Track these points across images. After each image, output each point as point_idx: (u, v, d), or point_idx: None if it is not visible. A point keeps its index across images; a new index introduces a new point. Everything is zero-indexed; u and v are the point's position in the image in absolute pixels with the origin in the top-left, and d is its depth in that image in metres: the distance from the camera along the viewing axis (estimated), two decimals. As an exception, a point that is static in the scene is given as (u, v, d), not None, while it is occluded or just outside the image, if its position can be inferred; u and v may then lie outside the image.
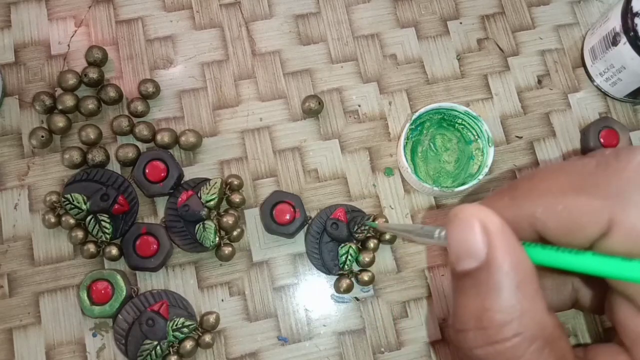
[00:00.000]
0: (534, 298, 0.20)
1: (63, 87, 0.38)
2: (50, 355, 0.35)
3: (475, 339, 0.20)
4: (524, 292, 0.20)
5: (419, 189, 0.38)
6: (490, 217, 0.20)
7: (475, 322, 0.20)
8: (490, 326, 0.20)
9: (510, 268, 0.19)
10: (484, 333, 0.20)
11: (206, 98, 0.40)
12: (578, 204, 0.20)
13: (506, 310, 0.19)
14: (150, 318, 0.34)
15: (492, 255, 0.20)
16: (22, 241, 0.37)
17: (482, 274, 0.20)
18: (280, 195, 0.37)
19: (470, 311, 0.20)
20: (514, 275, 0.19)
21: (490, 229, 0.20)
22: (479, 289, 0.20)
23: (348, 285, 0.36)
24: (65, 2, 0.41)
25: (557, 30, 0.43)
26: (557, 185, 0.21)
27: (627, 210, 0.19)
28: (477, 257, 0.20)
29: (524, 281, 0.20)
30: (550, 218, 0.21)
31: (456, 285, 0.21)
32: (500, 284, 0.19)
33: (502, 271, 0.19)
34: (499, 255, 0.20)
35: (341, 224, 0.36)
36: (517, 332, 0.19)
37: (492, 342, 0.20)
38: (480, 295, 0.20)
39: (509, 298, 0.19)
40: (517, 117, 0.41)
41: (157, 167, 0.36)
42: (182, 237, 0.36)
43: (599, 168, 0.20)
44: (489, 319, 0.20)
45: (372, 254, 0.36)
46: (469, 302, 0.20)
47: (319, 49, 0.41)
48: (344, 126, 0.40)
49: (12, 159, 0.38)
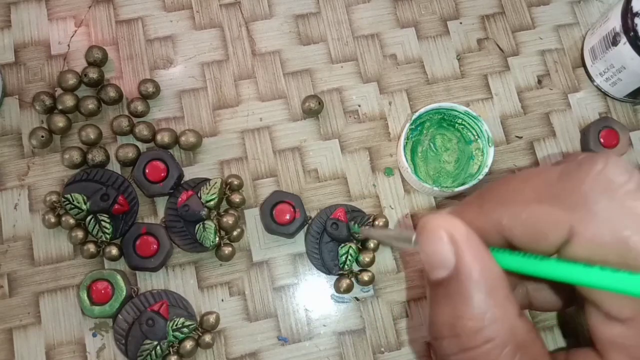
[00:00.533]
0: (504, 304, 0.20)
1: (63, 87, 0.38)
2: (50, 355, 0.35)
3: (450, 346, 0.21)
4: (494, 299, 0.20)
5: (419, 189, 0.38)
6: (457, 226, 0.21)
7: (449, 330, 0.21)
8: (463, 333, 0.20)
9: (479, 276, 0.20)
10: (457, 340, 0.20)
11: (206, 98, 0.40)
12: (541, 213, 0.21)
13: (477, 317, 0.20)
14: (150, 318, 0.34)
15: (460, 264, 0.20)
16: (22, 241, 0.37)
17: (452, 282, 0.20)
18: (280, 195, 0.37)
19: (444, 319, 0.21)
20: (483, 282, 0.20)
21: (457, 238, 0.21)
22: (451, 297, 0.21)
23: (348, 285, 0.36)
24: (65, 2, 0.41)
25: (557, 30, 0.43)
26: (522, 194, 0.22)
27: (586, 221, 0.20)
28: (447, 266, 0.21)
29: (493, 288, 0.20)
30: (516, 226, 0.21)
31: (431, 294, 0.22)
32: (470, 292, 0.20)
33: (471, 279, 0.20)
34: (467, 264, 0.20)
35: (341, 224, 0.36)
36: (489, 338, 0.20)
37: (465, 349, 0.20)
38: (452, 303, 0.21)
39: (479, 305, 0.20)
40: (517, 117, 0.41)
41: (157, 167, 0.36)
42: (182, 237, 0.36)
43: (561, 178, 0.21)
44: (461, 326, 0.20)
45: (372, 254, 0.36)
46: (443, 310, 0.21)
47: (319, 49, 0.41)
48: (344, 126, 0.40)
49: (12, 159, 0.38)
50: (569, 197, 0.20)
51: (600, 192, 0.20)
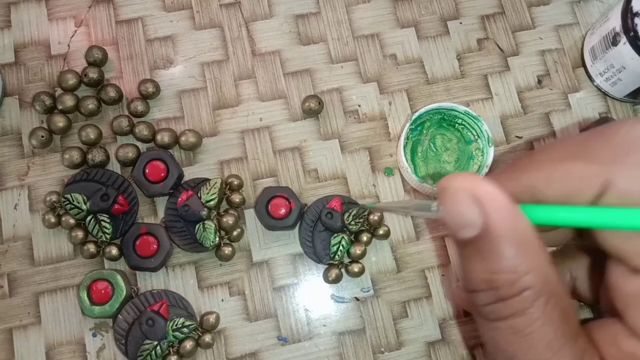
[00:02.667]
0: (536, 254, 0.21)
1: (63, 87, 0.38)
2: (50, 355, 0.35)
3: (486, 297, 0.21)
4: (526, 251, 0.20)
5: (419, 189, 0.38)
6: (480, 184, 0.21)
7: (485, 284, 0.21)
8: (499, 286, 0.21)
9: (509, 231, 0.20)
10: (493, 292, 0.21)
11: (206, 98, 0.40)
12: (574, 169, 0.21)
13: (511, 270, 0.20)
14: (150, 318, 0.34)
15: (488, 222, 0.20)
16: (22, 241, 0.37)
17: (482, 240, 0.20)
18: (272, 191, 0.37)
19: (478, 275, 0.21)
20: (514, 237, 0.20)
21: (481, 197, 0.20)
22: (483, 254, 0.21)
23: (337, 276, 0.36)
24: (65, 2, 0.41)
25: (557, 30, 0.43)
26: (555, 155, 0.22)
27: (619, 172, 0.20)
28: (474, 226, 0.20)
29: (524, 241, 0.20)
30: (549, 186, 0.22)
31: (461, 252, 0.22)
32: (501, 248, 0.20)
33: (501, 236, 0.20)
34: (495, 221, 0.20)
35: (336, 214, 0.36)
36: (524, 287, 0.20)
37: (501, 299, 0.21)
38: (485, 260, 0.21)
39: (512, 259, 0.20)
40: (517, 117, 0.41)
41: (157, 167, 0.36)
42: (182, 237, 0.36)
43: (593, 136, 0.22)
44: (497, 280, 0.21)
45: (364, 247, 0.36)
46: (476, 266, 0.21)
47: (319, 49, 0.41)
48: (344, 126, 0.40)
49: (12, 159, 0.38)
50: (602, 151, 0.21)
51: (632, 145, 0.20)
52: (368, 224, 0.36)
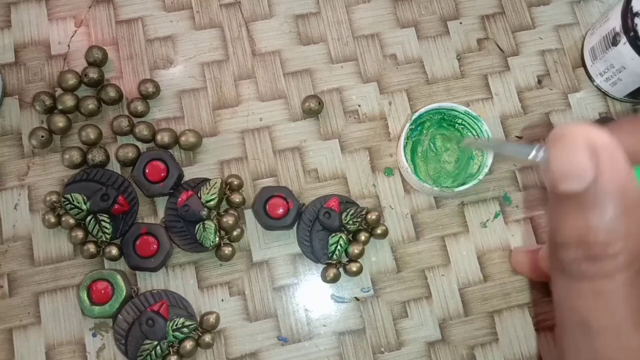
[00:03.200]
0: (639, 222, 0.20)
1: (63, 87, 0.38)
2: (50, 355, 0.35)
3: (576, 252, 0.20)
4: (630, 216, 0.19)
5: (419, 189, 0.38)
6: (600, 137, 0.19)
7: (578, 239, 0.20)
8: (594, 243, 0.20)
9: (619, 191, 0.19)
10: (585, 249, 0.20)
11: (206, 98, 0.40)
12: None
13: (611, 230, 0.19)
14: (150, 318, 0.34)
15: (601, 177, 0.19)
16: (22, 241, 0.37)
17: (588, 195, 0.19)
18: (269, 191, 0.37)
19: (573, 228, 0.20)
20: (622, 198, 0.19)
21: (599, 150, 0.19)
22: (584, 209, 0.20)
23: (335, 275, 0.36)
24: (65, 2, 0.41)
25: (557, 30, 0.43)
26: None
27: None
28: (584, 179, 0.19)
29: (631, 205, 0.19)
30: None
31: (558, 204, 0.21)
32: (607, 206, 0.19)
33: (610, 193, 0.19)
34: (607, 178, 0.19)
35: (334, 214, 0.36)
36: (619, 251, 0.19)
37: (591, 257, 0.20)
38: (585, 214, 0.20)
39: (615, 220, 0.19)
40: (517, 117, 0.41)
41: (157, 167, 0.36)
42: (182, 237, 0.36)
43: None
44: (593, 237, 0.20)
45: (362, 246, 0.36)
46: (572, 219, 0.20)
47: (319, 49, 0.41)
48: (344, 126, 0.40)
49: (12, 159, 0.38)
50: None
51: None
52: (366, 223, 0.36)
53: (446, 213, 0.39)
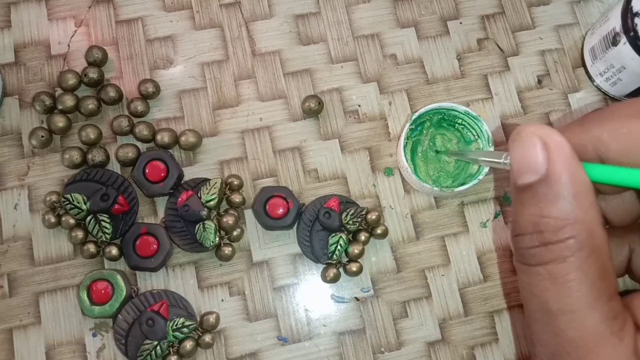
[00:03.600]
0: (588, 209, 0.22)
1: (63, 87, 0.38)
2: (50, 355, 0.35)
3: (531, 240, 0.22)
4: (579, 203, 0.21)
5: (419, 189, 0.38)
6: (551, 134, 0.22)
7: (533, 227, 0.22)
8: (546, 230, 0.22)
9: (568, 180, 0.21)
10: (539, 235, 0.22)
11: (206, 98, 0.40)
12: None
13: (562, 216, 0.21)
14: (150, 318, 0.34)
15: (551, 169, 0.22)
16: (22, 241, 0.37)
17: (541, 186, 0.22)
18: (269, 191, 0.37)
19: (529, 218, 0.22)
20: (571, 186, 0.21)
21: (550, 145, 0.22)
22: (538, 199, 0.22)
23: (335, 275, 0.36)
24: (65, 2, 0.41)
25: (557, 30, 0.43)
26: (624, 113, 0.23)
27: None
28: (538, 171, 0.22)
29: (580, 193, 0.21)
30: (614, 140, 0.23)
31: (517, 197, 0.23)
32: (557, 194, 0.21)
33: (560, 183, 0.21)
34: (558, 169, 0.21)
35: (334, 214, 0.36)
36: (570, 235, 0.21)
37: (545, 243, 0.22)
38: (539, 204, 0.22)
39: (565, 206, 0.21)
40: (517, 117, 0.41)
41: (157, 167, 0.36)
42: (182, 237, 0.36)
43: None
44: (545, 223, 0.22)
45: (362, 246, 0.36)
46: (528, 210, 0.22)
47: (319, 49, 0.41)
48: (344, 126, 0.40)
49: (12, 159, 0.38)
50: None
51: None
52: (366, 223, 0.36)
53: (446, 213, 0.39)
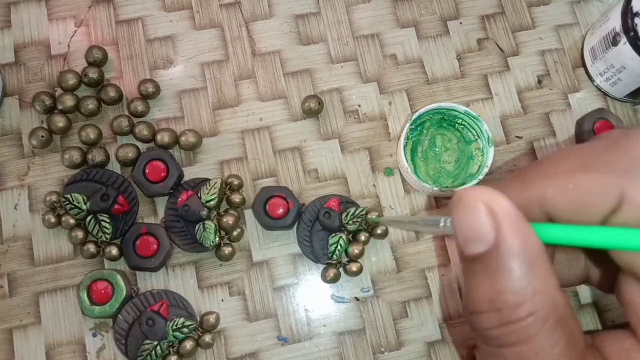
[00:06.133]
0: (545, 277, 0.20)
1: (63, 87, 0.38)
2: (50, 355, 0.35)
3: (489, 320, 0.20)
4: (535, 272, 0.19)
5: (419, 189, 0.38)
6: (496, 198, 0.20)
7: (489, 305, 0.20)
8: (504, 307, 0.20)
9: (520, 249, 0.19)
10: (498, 314, 0.20)
11: (206, 98, 0.40)
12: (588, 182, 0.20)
13: (519, 291, 0.19)
14: (150, 318, 0.34)
15: (500, 238, 0.19)
16: (22, 241, 0.37)
17: (491, 257, 0.20)
18: (269, 191, 0.37)
19: (483, 294, 0.20)
20: (524, 256, 0.19)
21: (496, 211, 0.20)
22: (490, 272, 0.20)
23: (335, 275, 0.36)
24: (65, 2, 0.41)
25: (557, 30, 0.43)
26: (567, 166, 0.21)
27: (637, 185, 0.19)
28: (486, 241, 0.20)
29: (534, 261, 0.19)
30: (561, 198, 0.21)
31: (466, 269, 0.21)
32: (510, 266, 0.19)
33: (511, 253, 0.19)
34: (508, 238, 0.19)
35: (334, 214, 0.36)
36: (531, 311, 0.19)
37: (505, 323, 0.20)
38: (492, 277, 0.20)
39: (521, 279, 0.19)
40: (517, 117, 0.41)
41: (157, 167, 0.36)
42: (182, 237, 0.36)
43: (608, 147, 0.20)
44: (503, 300, 0.20)
45: (362, 246, 0.36)
46: (481, 284, 0.20)
47: (319, 49, 0.41)
48: (344, 126, 0.40)
49: (12, 159, 0.38)
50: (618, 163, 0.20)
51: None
52: (366, 223, 0.36)
53: (446, 213, 0.39)
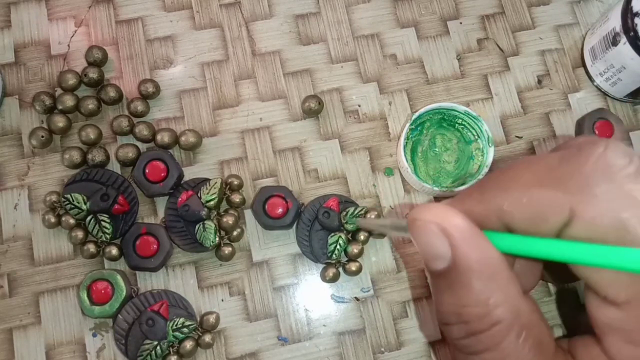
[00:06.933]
0: (506, 287, 0.21)
1: (63, 87, 0.38)
2: (50, 355, 0.35)
3: (459, 331, 0.21)
4: (495, 283, 0.21)
5: (419, 189, 0.38)
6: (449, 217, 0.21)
7: (455, 318, 0.21)
8: (469, 320, 0.21)
9: (478, 264, 0.20)
10: (465, 326, 0.21)
11: (206, 98, 0.40)
12: (541, 196, 0.21)
13: (481, 303, 0.20)
14: (150, 318, 0.34)
15: (457, 256, 0.21)
16: (22, 241, 0.37)
17: (452, 273, 0.21)
18: (269, 190, 0.37)
19: (449, 308, 0.21)
20: (483, 270, 0.20)
21: (449, 230, 0.21)
22: (453, 287, 0.21)
23: (334, 275, 0.36)
24: (65, 2, 0.41)
25: (557, 30, 0.43)
26: (523, 180, 0.22)
27: (586, 202, 0.20)
28: (443, 259, 0.21)
29: (493, 273, 0.21)
30: (517, 211, 0.21)
31: (433, 283, 0.22)
32: (470, 281, 0.20)
33: (469, 269, 0.20)
34: (464, 254, 0.20)
35: (333, 213, 0.36)
36: (495, 322, 0.20)
37: (472, 333, 0.21)
38: (455, 292, 0.21)
39: (482, 292, 0.20)
40: (517, 117, 0.41)
41: (157, 167, 0.36)
42: (182, 237, 0.36)
43: (562, 162, 0.21)
44: (467, 314, 0.21)
45: (361, 246, 0.36)
46: (447, 299, 0.21)
47: (319, 49, 0.41)
48: (344, 126, 0.40)
49: (12, 159, 0.38)
50: (570, 180, 0.20)
51: (601, 175, 0.20)
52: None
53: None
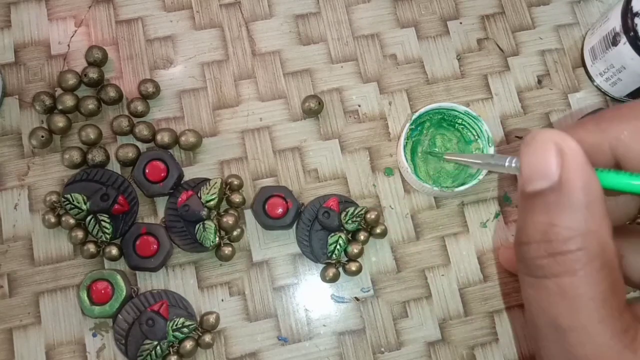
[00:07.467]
0: (601, 220, 0.21)
1: (63, 87, 0.38)
2: (50, 355, 0.35)
3: (538, 249, 0.21)
4: (591, 213, 0.20)
5: (419, 189, 0.38)
6: (567, 140, 0.21)
7: (541, 236, 0.21)
8: (556, 239, 0.21)
9: (581, 189, 0.20)
10: (548, 245, 0.21)
11: (206, 98, 0.40)
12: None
13: (573, 226, 0.20)
14: (150, 318, 0.34)
15: (565, 177, 0.21)
16: (22, 241, 0.37)
17: (552, 193, 0.21)
18: (269, 190, 0.37)
19: (537, 226, 0.21)
20: (584, 196, 0.20)
21: (565, 151, 0.21)
22: (549, 206, 0.21)
23: (334, 275, 0.36)
24: (65, 2, 0.41)
25: (557, 30, 0.43)
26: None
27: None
28: (550, 178, 0.21)
29: (592, 203, 0.21)
30: (635, 141, 0.22)
31: (525, 204, 0.22)
32: (570, 203, 0.20)
33: (573, 191, 0.20)
34: (572, 177, 0.20)
35: (333, 213, 0.36)
36: (580, 247, 0.20)
37: (554, 254, 0.21)
38: (549, 212, 0.21)
39: (577, 216, 0.20)
40: (517, 117, 0.41)
41: (157, 167, 0.36)
42: (182, 237, 0.36)
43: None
44: (555, 232, 0.21)
45: (361, 246, 0.36)
46: (537, 218, 0.21)
47: (319, 49, 0.41)
48: (344, 126, 0.40)
49: (12, 159, 0.38)
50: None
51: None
52: (365, 222, 0.36)
53: (446, 213, 0.39)
